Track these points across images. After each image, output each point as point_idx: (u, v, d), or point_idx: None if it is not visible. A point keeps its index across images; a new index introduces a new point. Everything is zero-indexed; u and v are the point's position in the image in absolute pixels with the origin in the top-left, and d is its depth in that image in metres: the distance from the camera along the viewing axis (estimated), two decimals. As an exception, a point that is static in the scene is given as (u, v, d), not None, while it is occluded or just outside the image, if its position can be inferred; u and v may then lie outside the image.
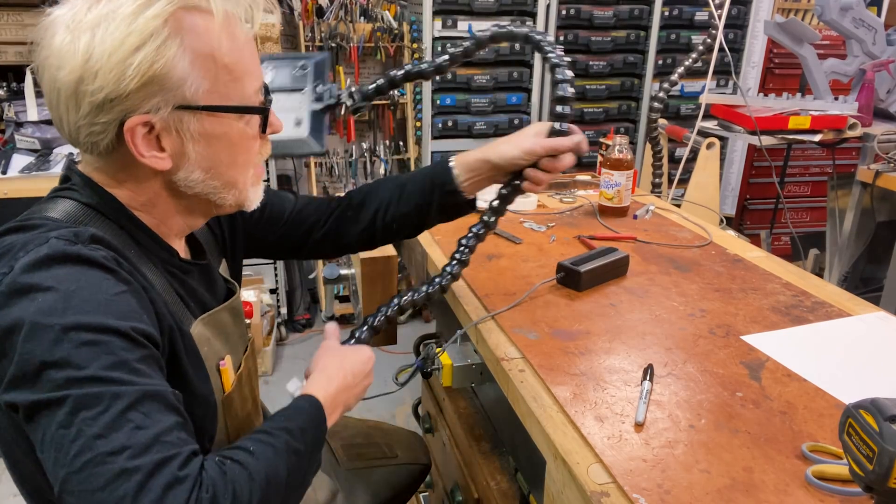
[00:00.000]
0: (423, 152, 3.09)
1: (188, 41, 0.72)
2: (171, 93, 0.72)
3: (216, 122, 0.76)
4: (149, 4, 0.70)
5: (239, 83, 0.77)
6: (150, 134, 0.74)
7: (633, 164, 1.59)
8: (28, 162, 2.18)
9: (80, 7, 0.71)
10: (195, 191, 0.80)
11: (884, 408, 0.56)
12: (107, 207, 0.78)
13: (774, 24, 2.56)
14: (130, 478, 0.61)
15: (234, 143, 0.79)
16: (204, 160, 0.78)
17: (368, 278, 1.41)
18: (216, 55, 0.74)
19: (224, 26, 0.74)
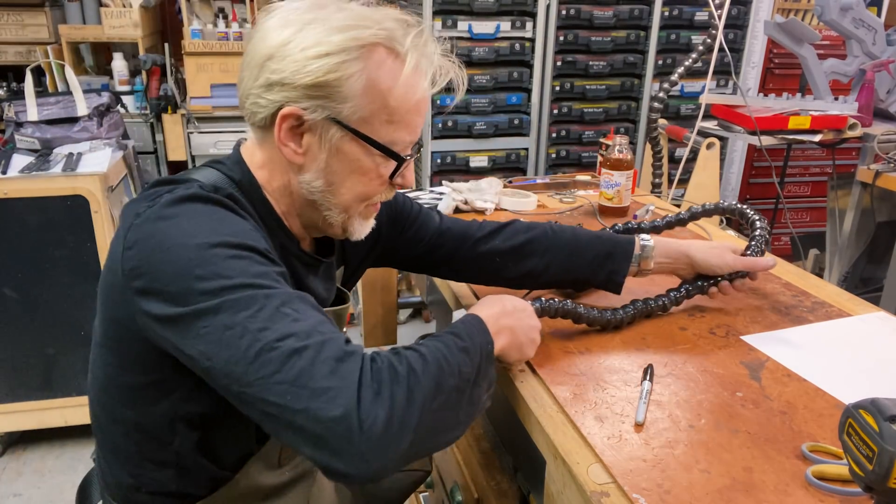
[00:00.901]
0: (423, 152, 3.09)
1: (370, 71, 0.79)
2: (332, 104, 0.79)
3: (356, 146, 0.82)
4: (356, 28, 0.78)
5: (393, 127, 0.82)
6: (297, 128, 0.80)
7: (633, 164, 1.59)
8: (28, 162, 2.18)
9: (303, 6, 0.81)
10: (313, 197, 0.85)
11: (884, 408, 0.56)
12: (247, 185, 0.85)
13: (774, 24, 2.56)
14: (302, 355, 0.65)
15: (362, 172, 0.84)
16: (330, 173, 0.83)
17: (368, 278, 1.41)
18: (386, 95, 0.80)
19: (408, 76, 0.80)
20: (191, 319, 0.68)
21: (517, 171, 3.19)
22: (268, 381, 0.64)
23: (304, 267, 0.91)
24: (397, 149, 0.84)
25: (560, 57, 3.08)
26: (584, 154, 3.26)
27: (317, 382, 0.64)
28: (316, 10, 0.80)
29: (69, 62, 2.70)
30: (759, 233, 1.17)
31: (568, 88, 3.13)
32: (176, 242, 0.71)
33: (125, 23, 2.94)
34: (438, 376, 0.70)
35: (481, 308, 0.88)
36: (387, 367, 0.68)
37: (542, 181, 1.85)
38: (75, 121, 2.36)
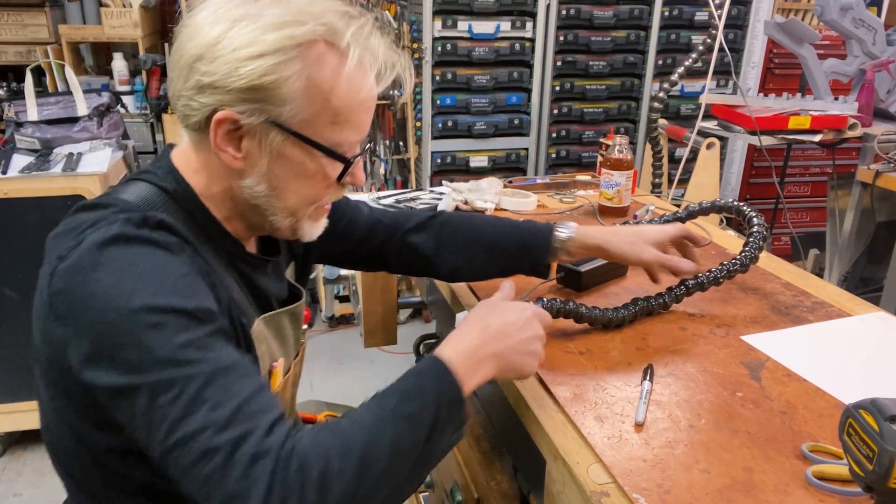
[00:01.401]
0: (423, 152, 3.09)
1: (310, 71, 0.74)
2: (270, 107, 0.74)
3: (299, 150, 0.77)
4: (292, 24, 0.73)
5: (338, 127, 0.78)
6: (234, 132, 0.76)
7: (633, 164, 1.59)
8: (28, 162, 2.18)
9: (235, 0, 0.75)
10: (256, 202, 0.80)
11: (884, 408, 0.56)
12: (182, 195, 0.80)
13: (774, 24, 2.56)
14: (213, 457, 0.62)
15: (307, 176, 0.80)
16: (273, 178, 0.79)
17: (368, 278, 1.41)
18: (329, 95, 0.75)
19: (351, 73, 0.76)
20: (112, 388, 0.67)
21: (517, 171, 3.19)
22: (186, 471, 0.63)
23: (252, 269, 0.88)
24: (343, 150, 0.79)
25: (560, 57, 3.08)
26: (584, 154, 3.26)
27: (226, 487, 0.61)
28: (248, 5, 0.75)
29: (69, 62, 2.70)
30: (756, 230, 1.17)
31: (568, 88, 3.13)
32: (97, 305, 0.67)
33: (125, 23, 2.94)
34: (362, 466, 0.65)
35: (457, 338, 0.81)
36: (296, 471, 0.62)
37: (542, 181, 1.85)
38: (75, 121, 2.36)
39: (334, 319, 3.24)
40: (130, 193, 0.78)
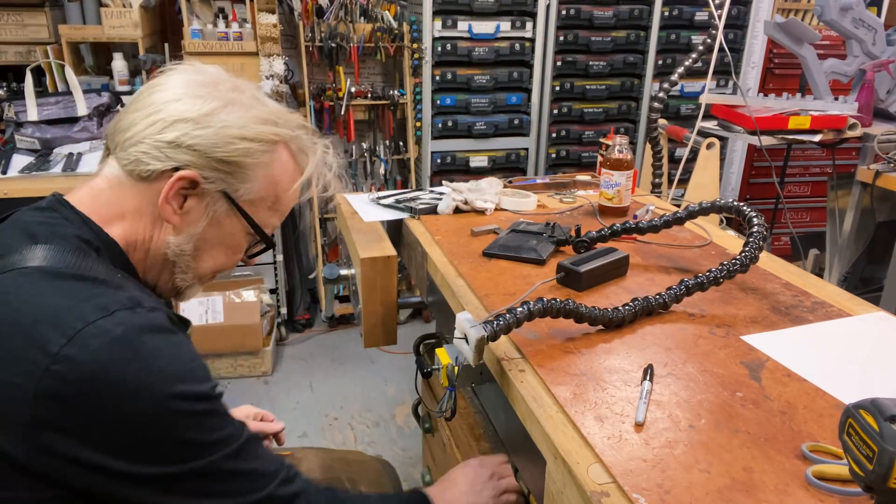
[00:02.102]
0: (423, 152, 3.09)
1: (276, 166, 0.87)
2: (233, 181, 0.83)
3: (236, 222, 0.86)
4: (275, 124, 0.86)
5: (271, 213, 0.90)
6: (184, 191, 0.82)
7: (633, 164, 1.59)
8: (28, 162, 2.18)
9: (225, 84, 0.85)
10: (174, 259, 0.85)
11: (884, 408, 0.56)
12: (104, 246, 0.80)
13: (774, 24, 2.56)
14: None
15: (230, 245, 0.89)
16: (201, 240, 0.86)
17: (368, 278, 1.41)
18: (279, 191, 0.88)
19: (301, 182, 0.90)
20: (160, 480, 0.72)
21: (517, 171, 3.20)
22: None
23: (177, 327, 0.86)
24: (268, 231, 0.90)
25: (560, 57, 3.08)
26: (584, 154, 3.26)
27: None
28: (237, 93, 0.85)
29: (69, 62, 2.70)
30: (756, 230, 1.17)
31: (568, 88, 3.13)
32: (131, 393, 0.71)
33: (125, 23, 2.94)
34: None
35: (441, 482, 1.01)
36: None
37: (542, 181, 1.85)
38: (75, 121, 2.36)
39: (334, 319, 3.24)
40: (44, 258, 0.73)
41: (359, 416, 2.51)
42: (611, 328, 1.06)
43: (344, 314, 3.24)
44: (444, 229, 1.50)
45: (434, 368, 1.06)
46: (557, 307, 0.99)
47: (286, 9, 2.93)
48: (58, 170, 2.12)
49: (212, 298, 2.73)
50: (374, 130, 3.23)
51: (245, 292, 2.79)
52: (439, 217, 1.59)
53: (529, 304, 0.97)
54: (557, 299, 1.00)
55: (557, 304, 0.99)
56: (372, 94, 3.04)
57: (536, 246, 1.34)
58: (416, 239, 1.48)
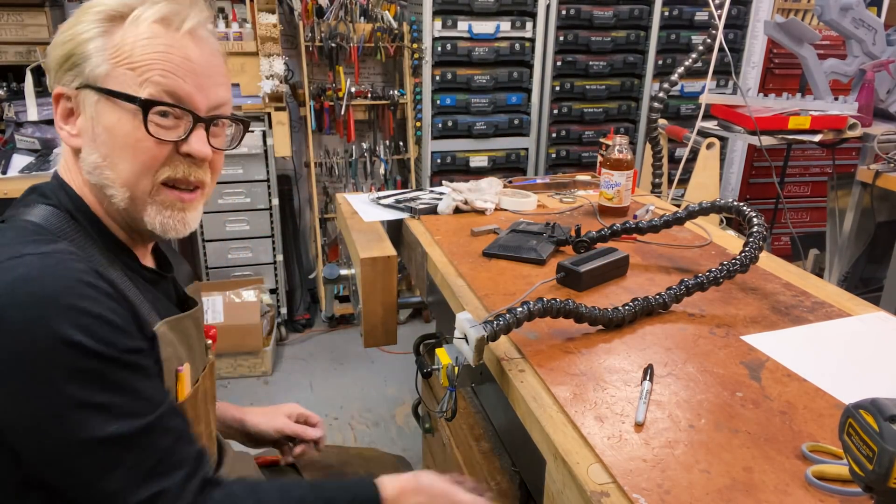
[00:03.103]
0: (423, 152, 3.09)
1: (111, 30, 0.79)
2: (79, 69, 0.78)
3: (110, 105, 0.78)
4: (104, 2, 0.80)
5: (136, 75, 0.78)
6: (68, 110, 0.81)
7: (633, 164, 1.59)
8: (28, 162, 2.18)
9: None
10: (95, 180, 0.80)
11: (884, 408, 0.56)
12: (75, 210, 0.82)
13: (774, 24, 2.56)
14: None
15: (124, 133, 0.78)
16: (101, 144, 0.79)
17: (368, 278, 1.41)
18: (126, 43, 0.78)
19: (139, 18, 0.79)
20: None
21: (517, 171, 3.20)
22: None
23: (146, 281, 0.87)
24: (145, 94, 0.78)
25: (560, 57, 3.08)
26: (584, 154, 3.26)
27: None
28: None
29: (69, 62, 2.70)
30: (756, 230, 1.17)
31: (568, 88, 3.13)
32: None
33: (125, 23, 2.94)
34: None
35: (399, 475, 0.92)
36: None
37: (542, 181, 1.85)
38: (75, 121, 2.35)
39: (334, 319, 3.24)
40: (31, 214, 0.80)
41: (359, 416, 2.51)
42: (611, 328, 1.06)
43: (344, 314, 3.24)
44: (444, 229, 1.50)
45: (434, 368, 1.06)
46: (557, 307, 0.99)
47: (286, 9, 2.93)
48: (58, 170, 2.12)
49: (212, 298, 2.73)
50: (374, 130, 3.23)
51: (245, 292, 2.79)
52: (439, 217, 1.59)
53: (529, 304, 0.97)
54: (557, 299, 1.00)
55: (557, 304, 0.99)
56: (372, 94, 3.04)
57: (536, 246, 1.34)
58: (416, 239, 1.48)
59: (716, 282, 1.13)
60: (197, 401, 0.90)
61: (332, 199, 3.24)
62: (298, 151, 3.23)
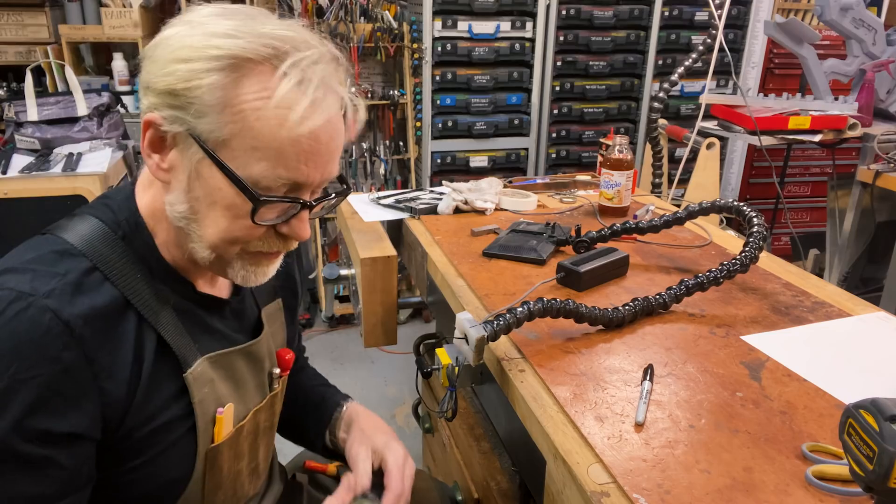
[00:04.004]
0: (423, 152, 3.09)
1: (234, 87, 0.68)
2: (188, 117, 0.69)
3: (216, 173, 0.70)
4: (231, 36, 0.68)
5: (258, 156, 0.69)
6: (161, 139, 0.72)
7: (633, 164, 1.59)
8: (28, 162, 2.18)
9: (206, 10, 0.73)
10: (178, 224, 0.75)
11: (884, 408, 0.56)
12: (130, 229, 0.76)
13: (774, 24, 2.56)
14: None
15: (224, 206, 0.72)
16: (193, 199, 0.73)
17: (368, 278, 1.41)
18: (250, 116, 0.68)
19: (283, 96, 0.68)
20: None
21: (517, 171, 3.20)
22: None
23: (203, 309, 0.83)
24: (265, 185, 0.70)
25: (560, 57, 3.08)
26: (584, 154, 3.26)
27: None
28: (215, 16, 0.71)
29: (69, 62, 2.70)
30: (756, 230, 1.17)
31: (568, 88, 3.13)
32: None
33: (125, 23, 2.94)
34: None
35: None
36: None
37: (542, 181, 1.85)
38: (75, 121, 2.36)
39: (334, 319, 3.24)
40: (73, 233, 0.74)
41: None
42: (611, 328, 1.06)
43: (344, 314, 3.23)
44: (444, 229, 1.50)
45: (434, 368, 1.06)
46: (557, 307, 0.99)
47: (286, 9, 2.93)
48: (58, 170, 2.12)
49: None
50: (374, 130, 3.23)
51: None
52: (439, 217, 1.59)
53: (529, 304, 0.97)
54: (557, 299, 1.00)
55: (557, 304, 0.99)
56: (372, 94, 3.04)
57: (536, 246, 1.34)
58: (416, 239, 1.48)
59: (716, 282, 1.13)
60: (241, 438, 0.86)
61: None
62: (298, 151, 3.23)
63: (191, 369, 0.78)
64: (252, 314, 0.92)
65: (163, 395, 0.76)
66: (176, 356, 0.77)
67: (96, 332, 0.69)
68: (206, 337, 0.81)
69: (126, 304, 0.73)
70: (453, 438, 1.44)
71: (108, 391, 0.71)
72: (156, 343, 0.75)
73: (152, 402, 0.75)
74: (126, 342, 0.72)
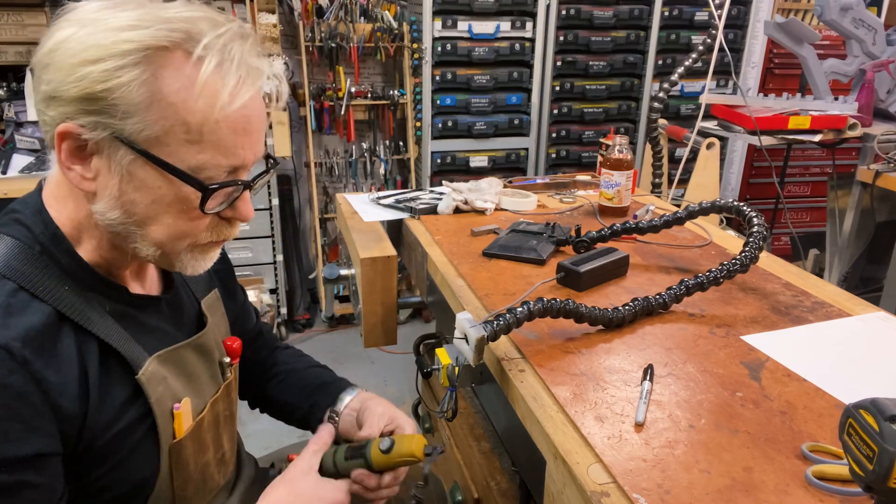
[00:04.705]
0: (423, 152, 3.09)
1: (154, 79, 0.66)
2: (112, 120, 0.66)
3: (153, 172, 0.68)
4: (136, 27, 0.66)
5: (197, 148, 0.68)
6: (81, 149, 0.68)
7: (633, 164, 1.59)
8: (28, 162, 2.18)
9: (94, 5, 0.68)
10: (113, 230, 0.72)
11: (884, 408, 0.56)
12: (49, 241, 0.73)
13: (774, 24, 2.56)
14: None
15: (164, 203, 0.71)
16: (128, 202, 0.70)
17: (368, 278, 1.41)
18: (181, 108, 0.67)
19: (208, 83, 0.67)
20: None
21: (517, 171, 3.20)
22: None
23: (139, 310, 0.81)
24: (206, 175, 0.69)
25: (560, 57, 3.08)
26: (584, 154, 3.26)
27: None
28: (103, 9, 0.67)
29: (69, 62, 2.70)
30: (756, 230, 1.17)
31: (568, 88, 3.13)
32: None
33: (125, 23, 2.94)
34: None
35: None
36: None
37: (542, 181, 1.85)
38: (75, 121, 2.35)
39: (334, 319, 3.24)
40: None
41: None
42: (611, 328, 1.06)
43: (344, 314, 3.24)
44: (444, 229, 1.50)
45: (434, 368, 1.06)
46: (557, 307, 0.99)
47: (286, 9, 2.93)
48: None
49: (212, 298, 2.72)
50: (374, 130, 3.23)
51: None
52: (439, 217, 1.59)
53: (529, 304, 0.97)
54: (557, 299, 1.00)
55: (557, 304, 0.99)
56: (372, 94, 3.04)
57: (536, 246, 1.34)
58: (416, 239, 1.48)
59: (716, 282, 1.13)
60: (202, 431, 0.86)
61: (332, 199, 3.24)
62: (298, 151, 3.23)
63: (142, 370, 0.77)
64: (191, 307, 0.92)
65: (116, 402, 0.75)
66: (124, 360, 0.75)
67: (37, 352, 0.67)
68: (147, 337, 0.80)
69: (60, 319, 0.70)
70: (453, 438, 1.44)
71: (62, 407, 0.69)
72: (98, 352, 0.73)
73: (106, 410, 0.74)
74: (69, 357, 0.70)
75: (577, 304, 1.00)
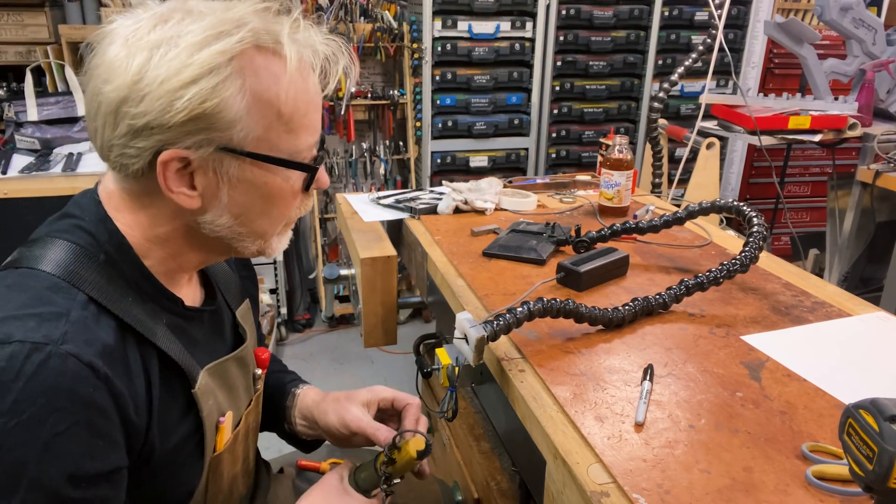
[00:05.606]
0: (423, 152, 3.09)
1: (250, 83, 0.67)
2: (218, 133, 0.67)
3: (259, 170, 0.71)
4: (218, 37, 0.66)
5: (293, 135, 0.72)
6: (184, 170, 0.69)
7: (633, 164, 1.59)
8: (28, 162, 2.18)
9: (144, 23, 0.68)
10: (218, 234, 0.74)
11: (884, 408, 0.56)
12: (114, 250, 0.72)
13: (774, 24, 2.56)
14: None
15: (273, 195, 0.74)
16: (236, 206, 0.73)
17: (368, 278, 1.41)
18: (276, 102, 0.69)
19: (294, 74, 0.70)
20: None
21: (517, 171, 3.20)
22: None
23: (188, 321, 0.81)
24: (304, 156, 0.74)
25: (560, 57, 3.08)
26: (584, 154, 3.26)
27: None
28: (161, 27, 0.67)
29: (69, 62, 2.70)
30: (756, 230, 1.17)
31: (568, 88, 3.13)
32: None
33: (125, 23, 2.94)
34: None
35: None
36: None
37: (542, 181, 1.85)
38: (75, 121, 2.36)
39: (334, 319, 3.24)
40: (48, 261, 0.69)
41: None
42: (611, 328, 1.06)
43: (344, 314, 3.23)
44: (444, 229, 1.50)
45: (434, 368, 1.06)
46: (557, 307, 0.99)
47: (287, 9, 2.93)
48: (58, 170, 2.12)
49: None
50: (374, 130, 3.23)
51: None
52: (439, 217, 1.59)
53: (529, 304, 0.97)
54: (557, 299, 1.00)
55: (557, 304, 0.99)
56: (372, 94, 3.04)
57: (536, 246, 1.34)
58: (416, 239, 1.48)
59: (716, 282, 1.13)
60: (237, 443, 0.87)
61: (332, 198, 3.24)
62: (298, 151, 3.23)
63: (198, 384, 0.77)
64: (227, 318, 0.92)
65: (173, 415, 0.75)
66: (182, 374, 0.76)
67: (114, 368, 0.67)
68: (196, 350, 0.80)
69: (125, 329, 0.70)
70: (453, 438, 1.44)
71: (132, 422, 0.69)
72: (158, 365, 0.73)
73: (165, 424, 0.74)
74: (136, 370, 0.71)
75: (577, 304, 1.00)
